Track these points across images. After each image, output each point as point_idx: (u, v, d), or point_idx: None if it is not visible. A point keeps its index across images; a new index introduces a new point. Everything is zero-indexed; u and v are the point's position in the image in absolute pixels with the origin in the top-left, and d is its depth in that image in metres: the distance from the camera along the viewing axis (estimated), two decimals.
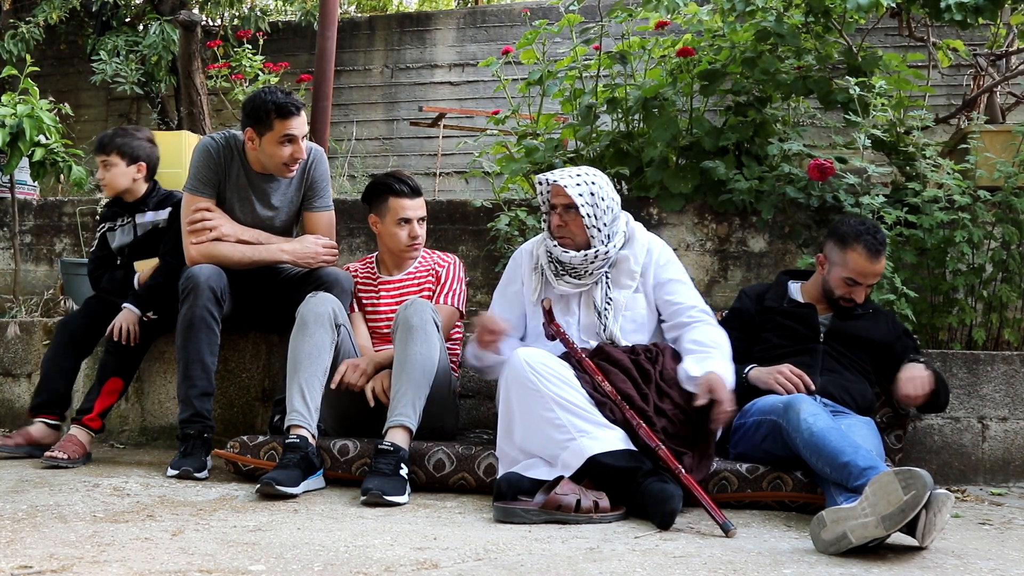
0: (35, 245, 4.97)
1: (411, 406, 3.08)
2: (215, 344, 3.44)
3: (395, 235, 3.56)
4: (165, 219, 3.85)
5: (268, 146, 3.48)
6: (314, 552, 2.33)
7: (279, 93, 3.49)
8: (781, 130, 4.40)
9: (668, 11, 4.53)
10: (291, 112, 3.46)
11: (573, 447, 2.85)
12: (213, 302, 3.40)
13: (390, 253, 3.63)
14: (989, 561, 2.45)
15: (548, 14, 7.18)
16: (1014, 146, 4.15)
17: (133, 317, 3.64)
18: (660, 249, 3.31)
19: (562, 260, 3.21)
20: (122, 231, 3.91)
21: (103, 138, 3.91)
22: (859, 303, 3.32)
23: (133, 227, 3.89)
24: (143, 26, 8.56)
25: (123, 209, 3.92)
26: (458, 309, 3.59)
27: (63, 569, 2.12)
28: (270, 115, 3.44)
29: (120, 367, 3.65)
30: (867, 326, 3.36)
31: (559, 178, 3.18)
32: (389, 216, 3.57)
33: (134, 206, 3.89)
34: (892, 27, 6.33)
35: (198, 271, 3.42)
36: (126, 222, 3.90)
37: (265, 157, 3.52)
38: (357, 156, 8.44)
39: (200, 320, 3.38)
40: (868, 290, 3.34)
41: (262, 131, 3.47)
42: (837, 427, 2.82)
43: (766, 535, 2.69)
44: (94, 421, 3.58)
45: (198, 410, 3.38)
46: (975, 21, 4.06)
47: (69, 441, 3.49)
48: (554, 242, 3.23)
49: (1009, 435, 3.65)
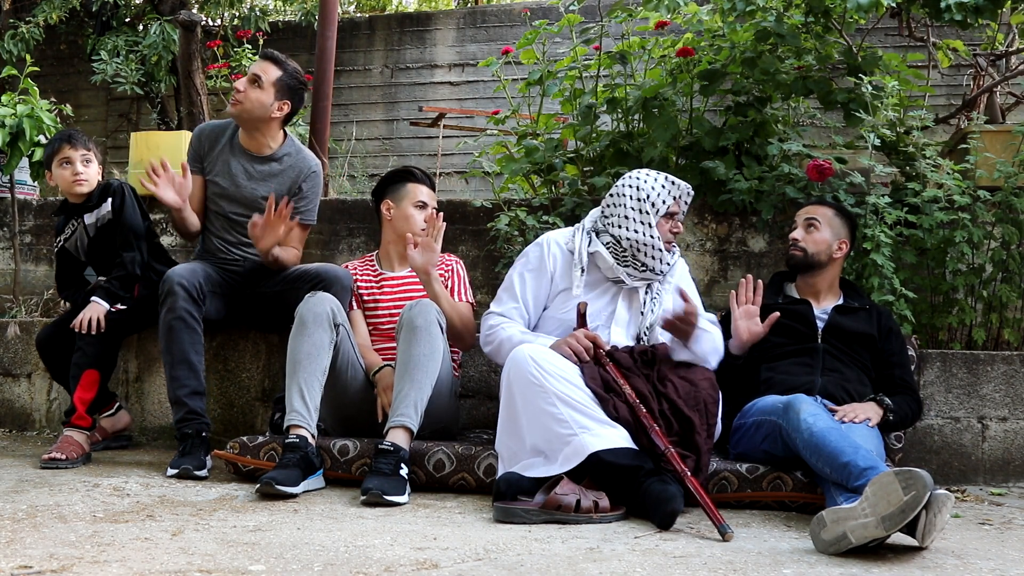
0: (35, 245, 4.97)
1: (413, 407, 3.08)
2: (199, 343, 3.44)
3: (411, 217, 3.61)
4: (108, 212, 3.74)
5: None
6: (314, 552, 2.33)
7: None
8: (781, 130, 4.40)
9: (668, 11, 4.52)
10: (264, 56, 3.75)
11: (575, 443, 2.85)
12: (190, 301, 3.41)
13: (399, 241, 3.63)
14: (989, 561, 2.45)
15: (548, 14, 7.19)
16: (1014, 146, 4.15)
17: (101, 309, 3.58)
18: (681, 266, 3.44)
19: (663, 264, 3.27)
20: (75, 236, 3.80)
21: (75, 133, 3.81)
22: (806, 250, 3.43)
23: (83, 228, 3.77)
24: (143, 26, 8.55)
25: (69, 213, 3.80)
26: (472, 304, 3.64)
27: (63, 569, 2.12)
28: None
29: (94, 359, 3.57)
30: (864, 322, 3.37)
31: (691, 189, 3.34)
32: (407, 199, 3.63)
33: (82, 208, 3.77)
34: (892, 27, 6.33)
35: (172, 273, 3.45)
36: (76, 226, 3.79)
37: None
38: (357, 156, 8.43)
39: (179, 321, 3.39)
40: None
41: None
42: (837, 427, 2.82)
43: (766, 535, 2.69)
44: (83, 419, 3.56)
45: (191, 408, 3.39)
46: (975, 21, 4.05)
47: (66, 442, 3.48)
48: (664, 247, 3.26)
49: (1009, 435, 3.65)
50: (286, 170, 3.76)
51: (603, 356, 3.06)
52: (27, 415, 4.27)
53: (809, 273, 3.45)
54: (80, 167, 3.73)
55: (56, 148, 3.75)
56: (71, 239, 3.82)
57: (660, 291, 3.31)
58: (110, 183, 3.81)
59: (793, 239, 3.46)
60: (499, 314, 3.30)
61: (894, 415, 3.17)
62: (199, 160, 3.76)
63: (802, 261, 3.43)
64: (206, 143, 3.77)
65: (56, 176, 3.76)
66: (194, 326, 3.43)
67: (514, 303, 3.32)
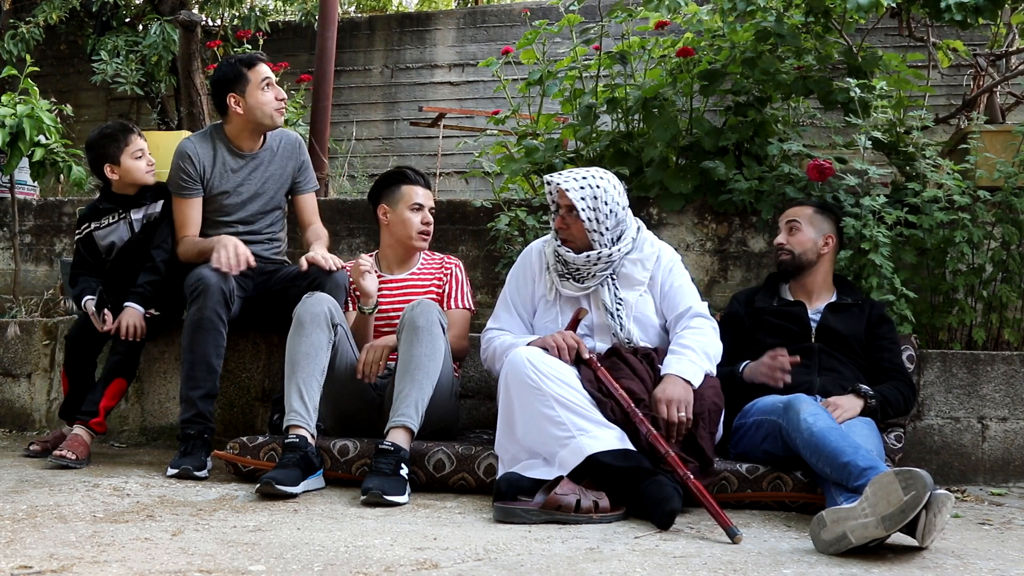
0: (35, 245, 4.97)
1: (414, 407, 3.08)
2: (221, 347, 3.44)
3: (407, 220, 3.59)
4: (157, 211, 3.76)
5: (252, 97, 3.64)
6: (314, 552, 2.33)
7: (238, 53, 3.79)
8: (781, 130, 4.40)
9: (668, 11, 4.52)
10: (258, 59, 3.71)
11: (572, 445, 2.85)
12: (222, 304, 3.41)
13: (397, 244, 3.63)
14: (989, 561, 2.45)
15: (548, 14, 7.18)
16: (1014, 146, 4.15)
17: (138, 315, 3.60)
18: (669, 255, 3.34)
19: (566, 260, 3.21)
20: (115, 229, 3.77)
21: (133, 126, 3.82)
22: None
23: (129, 224, 3.77)
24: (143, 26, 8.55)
25: (117, 204, 3.78)
26: (471, 310, 3.64)
27: (63, 569, 2.12)
28: (241, 71, 3.65)
29: (125, 367, 3.62)
30: (856, 318, 3.37)
31: (562, 181, 3.19)
32: (402, 202, 3.60)
33: (133, 200, 3.78)
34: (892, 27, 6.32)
35: (205, 273, 3.42)
36: (117, 219, 3.77)
37: (254, 112, 3.66)
38: (357, 156, 8.44)
39: (208, 322, 3.38)
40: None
41: (242, 88, 3.63)
42: (837, 427, 2.82)
43: (766, 535, 2.69)
44: (100, 425, 3.57)
45: (200, 411, 3.39)
46: (975, 21, 4.05)
47: (75, 441, 3.48)
48: (558, 242, 3.24)
49: (1009, 435, 3.65)
50: (280, 151, 3.79)
51: (593, 360, 3.05)
52: (27, 415, 4.27)
53: (801, 274, 3.46)
54: (141, 159, 3.76)
55: (126, 140, 3.73)
56: (104, 229, 3.77)
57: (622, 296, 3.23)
58: (159, 181, 3.84)
59: (778, 244, 3.48)
60: (496, 329, 3.32)
61: (875, 400, 3.14)
62: (199, 180, 3.67)
63: (791, 263, 3.44)
64: (203, 160, 3.68)
65: (127, 168, 3.72)
66: (221, 329, 3.42)
67: (508, 314, 3.33)
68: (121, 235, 3.77)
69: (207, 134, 3.76)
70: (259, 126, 3.70)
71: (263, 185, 3.75)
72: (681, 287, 3.28)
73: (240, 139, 3.72)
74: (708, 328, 3.20)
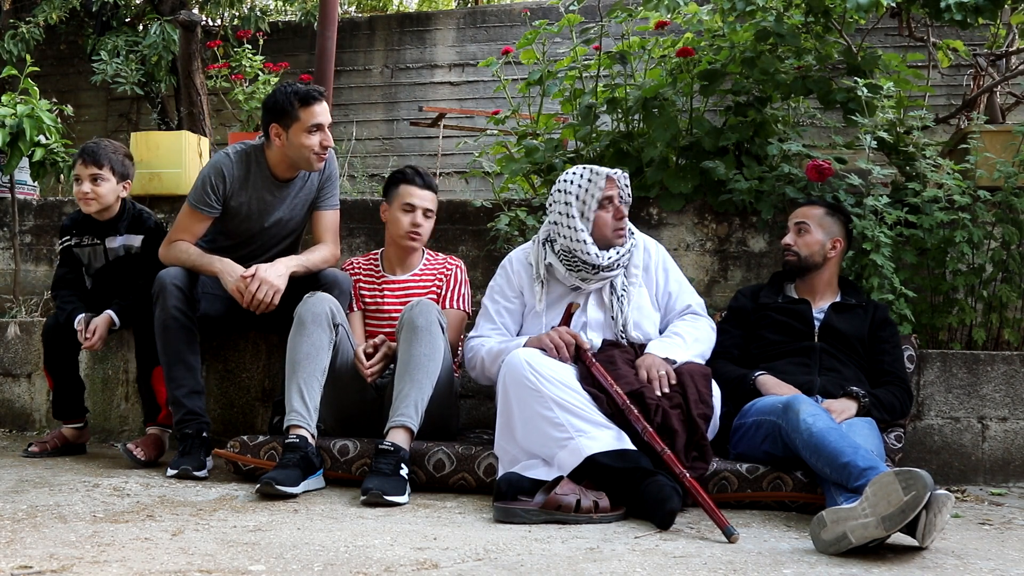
0: (35, 245, 4.97)
1: (413, 407, 3.08)
2: (195, 342, 3.42)
3: (398, 220, 3.57)
4: (138, 246, 3.70)
5: (296, 137, 3.43)
6: (314, 552, 2.33)
7: (298, 84, 3.48)
8: (781, 130, 4.40)
9: (668, 11, 4.52)
10: (314, 98, 3.43)
11: (571, 446, 2.86)
12: (182, 300, 3.39)
13: (393, 244, 3.63)
14: (989, 561, 2.45)
15: (548, 14, 7.19)
16: (1014, 146, 4.15)
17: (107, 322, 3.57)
18: (656, 248, 3.41)
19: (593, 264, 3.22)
20: (92, 252, 3.74)
21: (94, 149, 3.67)
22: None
23: (104, 251, 3.72)
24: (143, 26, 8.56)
25: (89, 229, 3.73)
26: (466, 312, 3.62)
27: (63, 569, 2.12)
28: (294, 105, 3.41)
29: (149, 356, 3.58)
30: (859, 319, 3.37)
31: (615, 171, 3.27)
32: (397, 201, 3.59)
33: (104, 227, 3.72)
34: (892, 27, 6.32)
35: (163, 274, 3.41)
36: (92, 243, 3.73)
37: (294, 150, 3.45)
38: (357, 156, 8.44)
39: (172, 320, 3.37)
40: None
41: (288, 123, 3.42)
42: (837, 427, 2.82)
43: (766, 535, 2.69)
44: (169, 418, 3.56)
45: (190, 408, 3.39)
46: (975, 21, 4.05)
47: (151, 442, 3.57)
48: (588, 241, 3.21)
49: (1009, 435, 3.65)
50: (312, 175, 3.64)
51: (588, 356, 3.05)
52: (27, 415, 4.27)
53: (807, 274, 3.46)
54: (87, 186, 3.65)
55: (72, 162, 3.69)
56: (83, 249, 3.76)
57: (627, 286, 3.28)
58: (145, 217, 3.75)
59: (786, 244, 3.48)
60: (477, 336, 3.34)
61: (868, 401, 3.14)
62: (221, 200, 3.52)
63: (797, 265, 3.45)
64: (235, 183, 3.52)
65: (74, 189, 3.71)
66: (188, 325, 3.40)
67: (491, 324, 3.34)
68: (98, 262, 3.75)
69: (247, 154, 3.55)
70: (295, 164, 3.53)
71: (291, 212, 3.64)
72: (676, 282, 3.36)
73: (278, 168, 3.55)
74: (702, 323, 3.26)
